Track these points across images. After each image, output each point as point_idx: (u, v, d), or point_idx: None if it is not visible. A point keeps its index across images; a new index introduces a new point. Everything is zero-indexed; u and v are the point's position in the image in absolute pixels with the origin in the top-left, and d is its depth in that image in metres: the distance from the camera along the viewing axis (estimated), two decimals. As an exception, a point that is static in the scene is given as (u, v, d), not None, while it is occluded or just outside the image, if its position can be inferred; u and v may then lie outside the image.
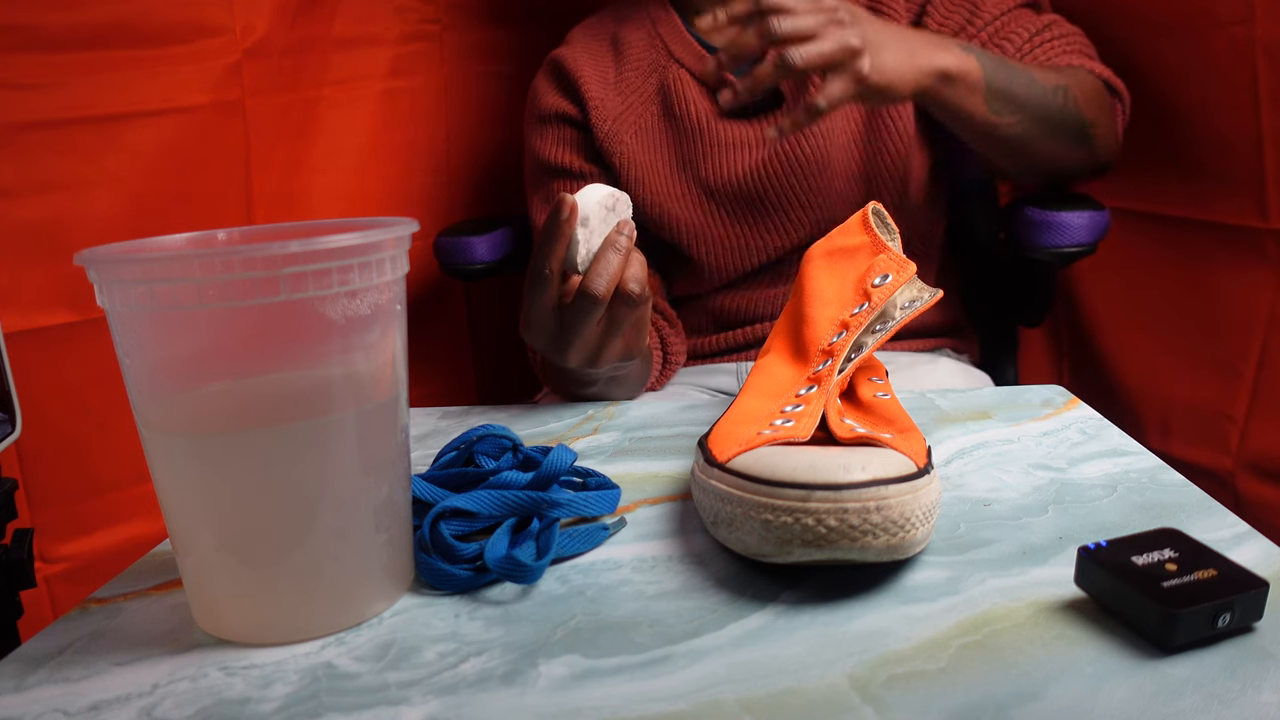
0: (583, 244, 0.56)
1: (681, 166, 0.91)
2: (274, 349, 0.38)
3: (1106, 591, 0.37)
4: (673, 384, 0.93)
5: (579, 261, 0.57)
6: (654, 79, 0.93)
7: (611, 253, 0.57)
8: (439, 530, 0.44)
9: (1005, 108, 0.79)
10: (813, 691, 0.33)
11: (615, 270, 0.57)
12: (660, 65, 0.93)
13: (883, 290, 0.49)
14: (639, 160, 0.92)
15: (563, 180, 0.95)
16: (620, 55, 0.95)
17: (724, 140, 0.90)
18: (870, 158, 0.88)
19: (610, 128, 0.93)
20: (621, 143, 0.92)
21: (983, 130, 0.81)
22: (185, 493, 0.38)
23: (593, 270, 0.57)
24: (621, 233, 0.58)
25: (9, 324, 0.84)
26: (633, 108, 0.93)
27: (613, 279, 0.57)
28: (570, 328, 0.59)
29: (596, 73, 0.94)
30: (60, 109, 0.85)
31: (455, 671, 0.36)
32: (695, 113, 0.91)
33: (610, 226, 0.58)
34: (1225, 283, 0.98)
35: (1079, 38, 0.89)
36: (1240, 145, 0.92)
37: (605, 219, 0.58)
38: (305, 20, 1.02)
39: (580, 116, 0.95)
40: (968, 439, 0.57)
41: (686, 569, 0.43)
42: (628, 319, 0.60)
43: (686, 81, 0.91)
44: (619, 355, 0.64)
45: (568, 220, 0.55)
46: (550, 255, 0.56)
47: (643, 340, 0.65)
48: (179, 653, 0.39)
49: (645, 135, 0.92)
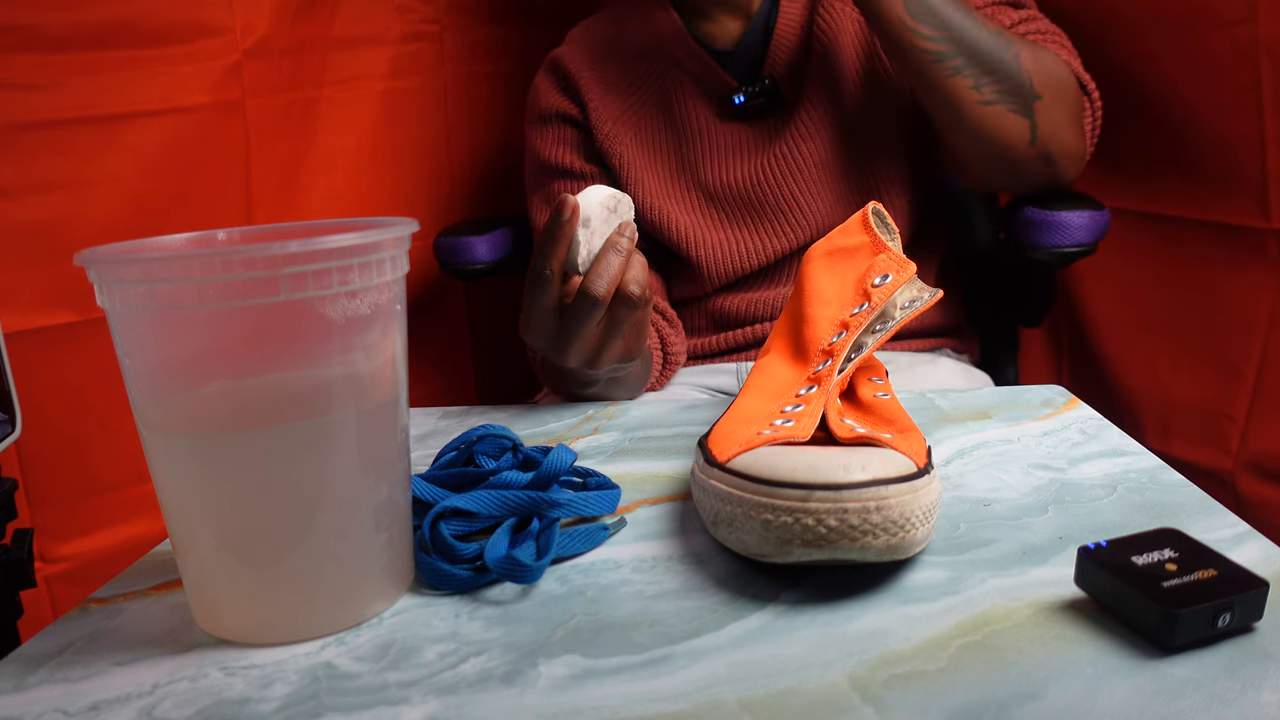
0: (584, 245, 0.56)
1: (681, 170, 0.91)
2: (274, 349, 0.38)
3: (1106, 591, 0.37)
4: (673, 384, 0.93)
5: (580, 262, 0.57)
6: (654, 80, 0.93)
7: (613, 254, 0.57)
8: (439, 530, 0.44)
9: (925, 15, 0.76)
10: (813, 691, 0.33)
11: (616, 272, 0.57)
12: (661, 67, 0.93)
13: (883, 290, 0.49)
14: (639, 162, 0.92)
15: (563, 180, 0.95)
16: (621, 56, 0.95)
17: (724, 143, 0.90)
18: (870, 154, 0.88)
19: (610, 129, 0.93)
20: (622, 144, 0.92)
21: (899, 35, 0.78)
22: (185, 493, 0.38)
23: (593, 271, 0.57)
24: (623, 234, 0.58)
25: (9, 324, 0.84)
26: (633, 109, 0.93)
27: (613, 280, 0.57)
28: (570, 328, 0.59)
29: (597, 73, 0.94)
30: (60, 109, 0.85)
31: (455, 671, 0.36)
32: (695, 116, 0.91)
33: (612, 228, 0.58)
34: (1226, 283, 0.98)
35: (1059, 36, 0.88)
36: (1242, 145, 0.92)
37: (607, 220, 0.58)
38: (305, 20, 1.02)
39: (581, 117, 0.94)
40: (968, 439, 0.57)
41: (686, 569, 0.43)
42: (628, 320, 0.60)
43: (686, 84, 0.91)
44: (619, 356, 0.64)
45: (569, 221, 0.55)
46: (551, 256, 0.56)
47: (643, 342, 0.65)
48: (179, 653, 0.39)
49: (645, 137, 0.92)
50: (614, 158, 0.93)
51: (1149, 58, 0.98)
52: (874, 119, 0.88)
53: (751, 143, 0.89)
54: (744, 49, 0.91)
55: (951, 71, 0.78)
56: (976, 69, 0.78)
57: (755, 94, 0.88)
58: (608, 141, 0.93)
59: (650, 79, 0.93)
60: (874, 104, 0.88)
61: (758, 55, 0.90)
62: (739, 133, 0.90)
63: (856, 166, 0.88)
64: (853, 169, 0.88)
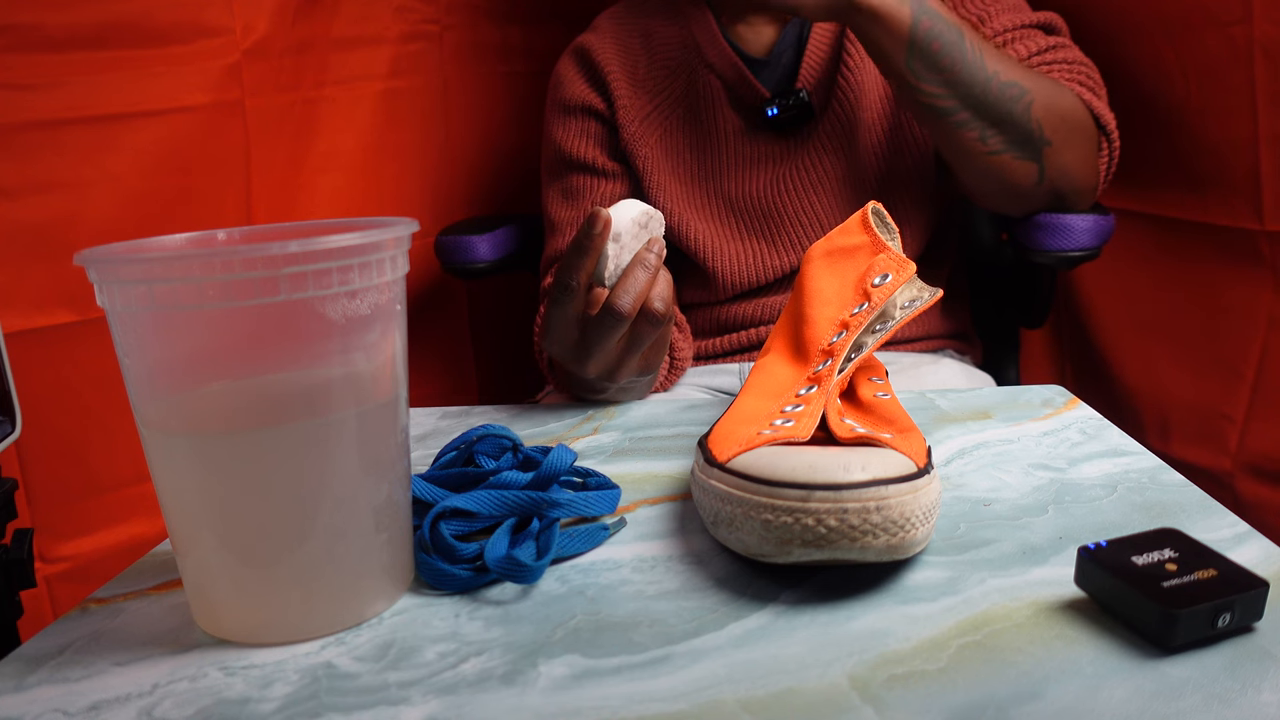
0: (612, 259, 0.56)
1: (704, 177, 0.90)
2: (274, 349, 0.38)
3: (1106, 591, 0.37)
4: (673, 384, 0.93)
5: (607, 276, 0.56)
6: (682, 79, 0.91)
7: (640, 270, 0.57)
8: (439, 530, 0.44)
9: (929, 75, 0.75)
10: (813, 691, 0.33)
11: (643, 288, 0.57)
12: (690, 66, 0.91)
13: (883, 290, 0.49)
14: (663, 165, 0.91)
15: (582, 175, 0.94)
16: (650, 49, 0.92)
17: (748, 153, 0.89)
18: (891, 172, 0.88)
19: (637, 129, 0.91)
20: (647, 145, 0.91)
21: (900, 85, 0.77)
22: (185, 493, 0.38)
23: (620, 287, 0.56)
24: (651, 250, 0.57)
25: (9, 324, 0.84)
26: (660, 109, 0.91)
27: (639, 297, 0.57)
28: (592, 341, 0.59)
29: (625, 67, 0.92)
30: (60, 109, 0.85)
31: (455, 671, 0.36)
32: (723, 123, 0.89)
33: (641, 243, 0.58)
34: (1224, 284, 0.98)
35: (1084, 68, 0.85)
36: (1236, 147, 0.92)
37: (637, 235, 0.57)
38: (305, 20, 1.02)
39: (607, 112, 0.93)
40: (968, 439, 0.57)
41: (686, 569, 0.43)
42: (650, 336, 0.59)
43: (716, 89, 0.90)
44: (637, 370, 0.63)
45: (600, 235, 0.55)
46: (579, 268, 0.56)
47: (661, 355, 0.65)
48: (179, 653, 0.39)
49: (670, 140, 0.91)
50: (639, 159, 0.91)
51: (1145, 57, 0.98)
52: (895, 135, 0.87)
53: (774, 154, 0.88)
54: (775, 58, 0.90)
55: (957, 125, 0.78)
56: (982, 123, 0.78)
57: (789, 107, 0.87)
58: (633, 141, 0.91)
59: (679, 79, 0.91)
60: (895, 120, 0.88)
61: (789, 65, 0.89)
62: (763, 143, 0.89)
63: (876, 181, 0.88)
64: (872, 184, 0.88)
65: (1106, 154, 0.85)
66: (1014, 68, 0.78)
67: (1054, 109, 0.79)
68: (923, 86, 0.76)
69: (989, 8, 0.86)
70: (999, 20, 0.85)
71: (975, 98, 0.76)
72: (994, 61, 0.77)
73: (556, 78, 0.97)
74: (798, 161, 0.87)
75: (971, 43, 0.75)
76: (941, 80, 0.75)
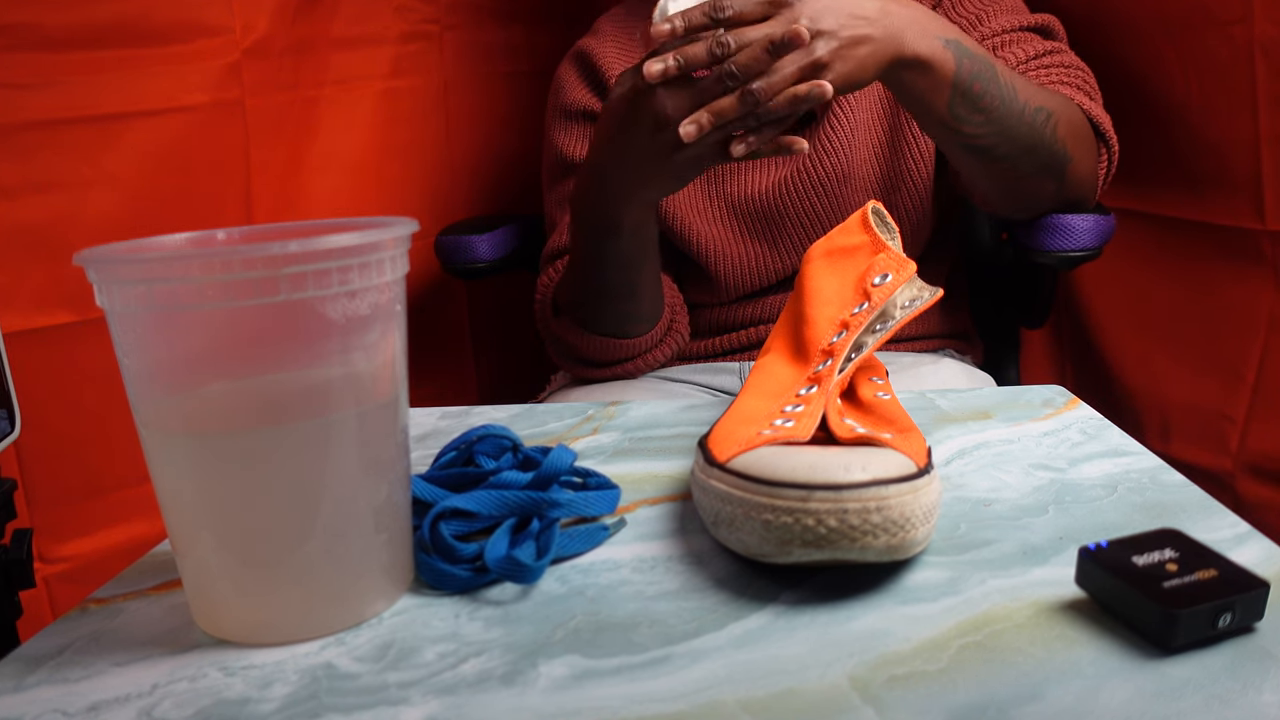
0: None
1: (706, 180, 0.90)
2: (274, 349, 0.38)
3: (1107, 592, 0.37)
4: (673, 384, 0.92)
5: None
6: None
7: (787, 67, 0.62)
8: (439, 530, 0.44)
9: (971, 117, 0.74)
10: (813, 691, 0.33)
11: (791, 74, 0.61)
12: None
13: (883, 289, 0.49)
14: None
15: None
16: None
17: None
18: (892, 171, 0.88)
19: None
20: None
21: (941, 130, 0.77)
22: (185, 493, 0.38)
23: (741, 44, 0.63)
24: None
25: (9, 324, 0.84)
26: None
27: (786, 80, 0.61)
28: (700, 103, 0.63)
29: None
30: (60, 109, 0.85)
31: (455, 672, 0.36)
32: None
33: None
34: (1225, 284, 0.98)
35: (1081, 73, 0.85)
36: (1237, 146, 0.92)
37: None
38: (305, 20, 1.02)
39: None
40: (968, 439, 0.57)
41: (686, 569, 0.43)
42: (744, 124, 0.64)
43: None
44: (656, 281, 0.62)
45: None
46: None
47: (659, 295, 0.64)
48: (179, 653, 0.39)
49: None
50: None
51: (1145, 57, 0.98)
52: (895, 135, 0.87)
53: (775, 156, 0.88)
54: None
55: (993, 159, 0.78)
56: (1019, 153, 0.77)
57: None
58: None
59: None
60: (895, 120, 0.88)
61: None
62: None
63: (876, 181, 0.88)
64: (872, 184, 0.88)
65: (1106, 160, 0.85)
66: (1036, 91, 0.77)
67: (1072, 125, 0.79)
68: (964, 129, 0.75)
69: (986, 8, 0.86)
70: (996, 21, 0.85)
71: (1012, 129, 0.75)
72: (1023, 90, 0.76)
73: (557, 83, 0.97)
74: (799, 162, 0.87)
75: (1002, 75, 0.75)
76: (984, 120, 0.74)
